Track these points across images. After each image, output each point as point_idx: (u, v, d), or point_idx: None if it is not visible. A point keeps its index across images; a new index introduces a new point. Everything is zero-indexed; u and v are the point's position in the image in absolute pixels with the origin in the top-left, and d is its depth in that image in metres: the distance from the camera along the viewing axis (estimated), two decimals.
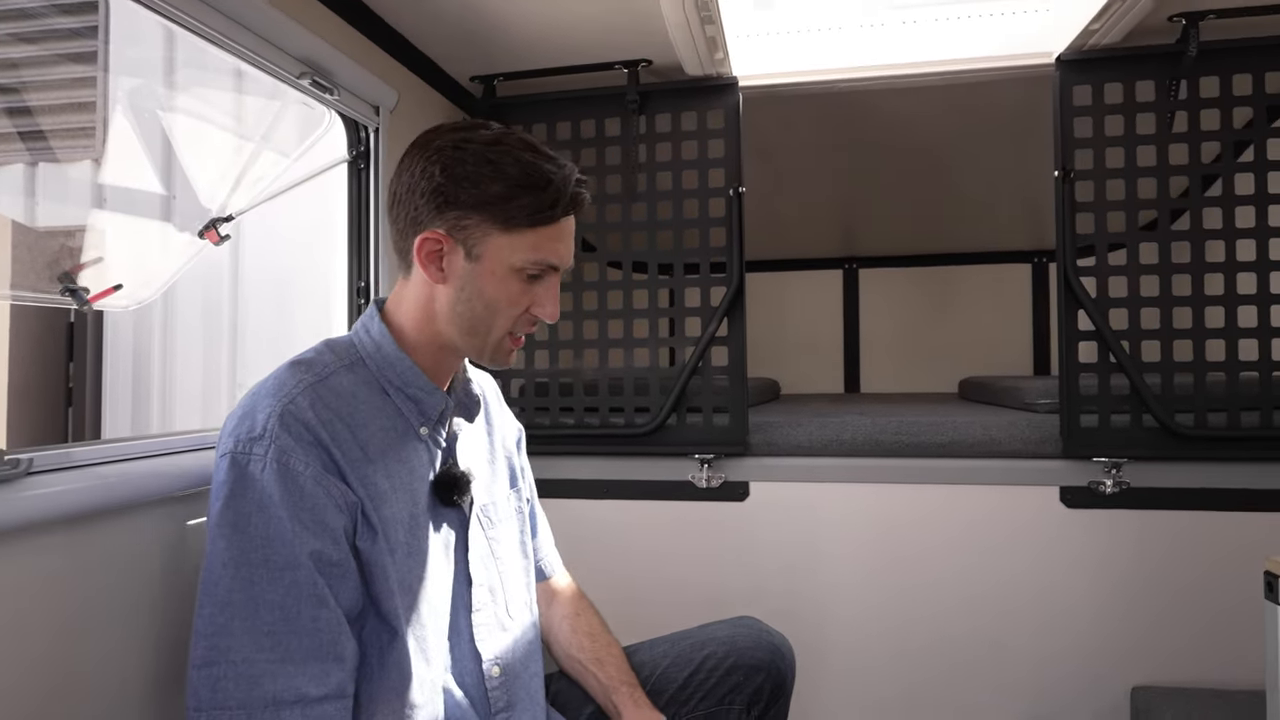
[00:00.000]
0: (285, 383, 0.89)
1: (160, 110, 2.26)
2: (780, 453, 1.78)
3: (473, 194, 0.92)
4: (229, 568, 0.82)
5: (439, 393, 0.99)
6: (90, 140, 3.55)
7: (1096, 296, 1.64)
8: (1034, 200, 2.56)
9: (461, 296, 0.95)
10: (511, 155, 0.93)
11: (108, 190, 2.80)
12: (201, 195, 2.10)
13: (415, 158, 0.95)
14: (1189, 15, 1.53)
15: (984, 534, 1.69)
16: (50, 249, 2.55)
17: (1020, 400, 2.00)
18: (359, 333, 0.99)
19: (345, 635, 0.85)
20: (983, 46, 1.74)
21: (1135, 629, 1.63)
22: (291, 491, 0.83)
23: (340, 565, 0.86)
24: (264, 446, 0.84)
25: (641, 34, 1.61)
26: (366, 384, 0.95)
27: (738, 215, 1.76)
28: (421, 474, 0.97)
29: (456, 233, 0.93)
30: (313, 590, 0.83)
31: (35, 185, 3.57)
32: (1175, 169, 1.62)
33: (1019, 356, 2.90)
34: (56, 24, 3.15)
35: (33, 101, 3.40)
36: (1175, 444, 1.61)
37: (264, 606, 0.81)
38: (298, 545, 0.83)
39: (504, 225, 0.93)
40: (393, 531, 0.91)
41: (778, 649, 1.19)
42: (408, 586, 0.92)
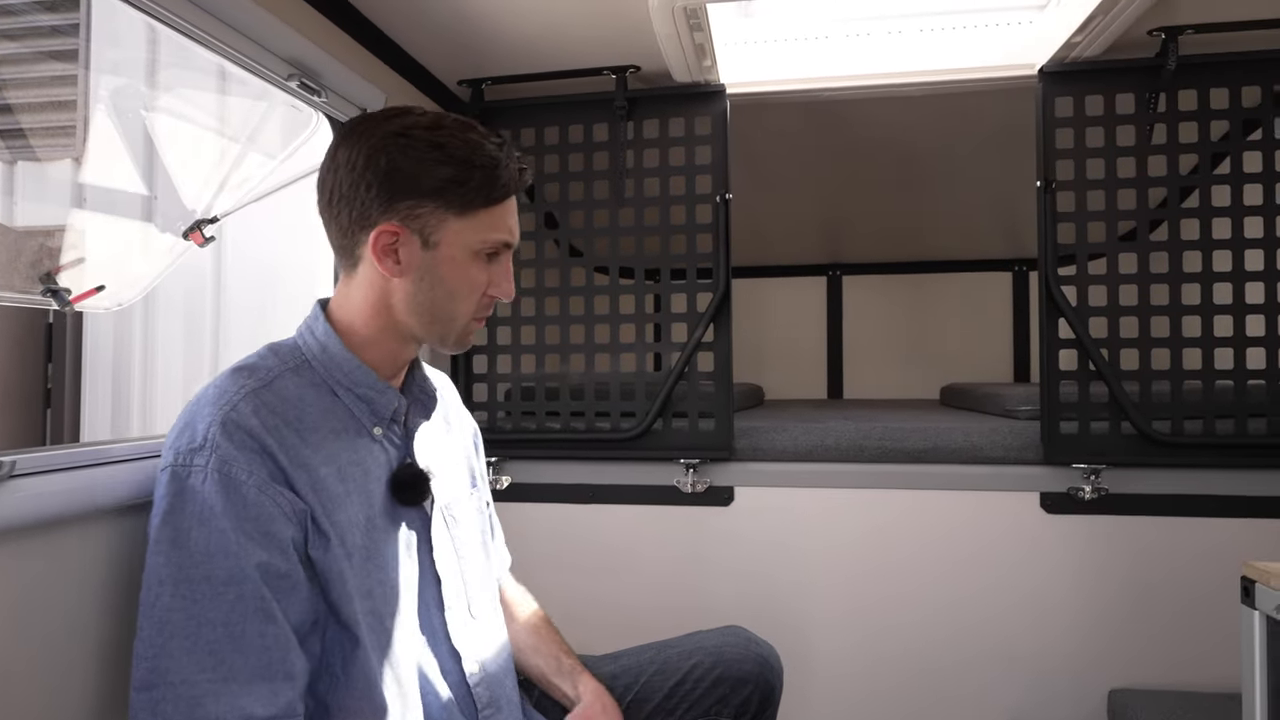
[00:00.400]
0: (226, 390, 0.87)
1: (143, 110, 2.24)
2: (765, 458, 1.79)
3: (424, 181, 0.90)
4: (167, 585, 0.79)
5: (391, 391, 0.97)
6: (71, 139, 3.51)
7: (1077, 305, 1.67)
8: (1015, 210, 2.59)
9: (421, 287, 0.94)
10: (456, 138, 0.91)
11: (88, 190, 2.77)
12: (184, 196, 2.09)
13: (352, 150, 0.92)
14: (1168, 30, 1.56)
15: (965, 539, 1.71)
16: (30, 249, 2.52)
17: (1001, 407, 2.02)
18: (303, 334, 0.97)
19: (294, 652, 0.83)
20: (967, 57, 1.76)
21: (1113, 633, 1.66)
22: (235, 502, 0.81)
23: (289, 577, 0.83)
24: (205, 457, 0.81)
25: (630, 40, 1.62)
26: (314, 386, 0.93)
27: (724, 221, 1.77)
28: (377, 475, 0.95)
29: (411, 222, 0.92)
30: (259, 605, 0.80)
31: (14, 184, 3.52)
32: (1154, 180, 1.65)
33: (999, 363, 2.93)
34: (37, 21, 3.11)
35: (12, 99, 3.36)
36: (1153, 451, 1.64)
37: (205, 624, 0.78)
38: (242, 558, 0.80)
39: (459, 209, 0.92)
40: (348, 536, 0.89)
41: (766, 660, 1.18)
42: (367, 591, 0.90)
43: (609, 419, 1.82)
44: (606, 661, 1.22)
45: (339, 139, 0.95)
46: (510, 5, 1.47)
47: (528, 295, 1.86)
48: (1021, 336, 2.90)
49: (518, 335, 1.86)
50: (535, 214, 1.89)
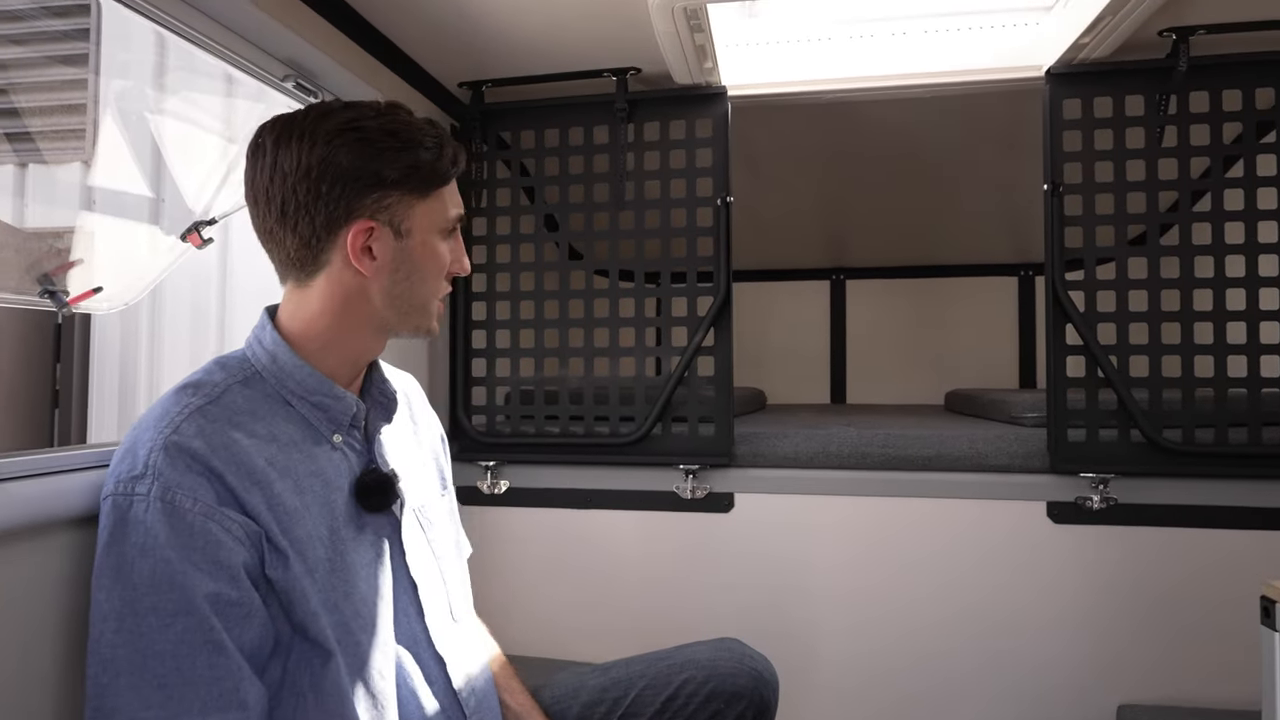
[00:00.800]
0: (169, 410, 0.83)
1: (148, 113, 2.24)
2: (766, 464, 1.77)
3: (387, 171, 0.88)
4: (110, 620, 0.76)
5: (348, 396, 0.94)
6: (80, 142, 3.53)
7: (1084, 310, 1.63)
8: (1022, 213, 2.56)
9: (397, 278, 0.92)
10: (401, 122, 0.91)
11: (97, 192, 2.78)
12: (188, 198, 2.08)
13: (297, 155, 0.87)
14: (1179, 30, 1.53)
15: (970, 549, 1.68)
16: (38, 250, 2.53)
17: (1007, 414, 1.99)
18: (252, 345, 0.93)
19: (247, 680, 0.79)
20: (973, 58, 1.73)
21: (1122, 646, 1.62)
22: (179, 530, 0.77)
23: (241, 605, 0.80)
24: (146, 485, 0.78)
25: (630, 42, 1.60)
26: (266, 398, 0.90)
27: (725, 225, 1.74)
28: (339, 484, 0.92)
29: (380, 215, 0.89)
30: (208, 636, 0.77)
31: (25, 187, 3.55)
32: (1164, 184, 1.62)
33: (1005, 369, 2.89)
34: (48, 26, 3.13)
35: (23, 103, 3.38)
36: (1163, 460, 1.60)
37: (152, 658, 0.75)
38: (189, 589, 0.76)
39: (421, 192, 0.92)
40: (310, 551, 0.85)
41: (760, 674, 1.15)
42: (334, 605, 0.87)
43: (608, 423, 1.80)
44: (596, 674, 1.19)
45: (267, 149, 0.89)
46: (511, 6, 1.46)
47: (527, 299, 1.84)
48: (1027, 342, 2.87)
49: (517, 339, 1.84)
50: (535, 216, 1.87)
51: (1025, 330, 2.86)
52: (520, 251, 1.85)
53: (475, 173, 1.85)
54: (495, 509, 1.84)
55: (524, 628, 1.81)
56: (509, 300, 1.85)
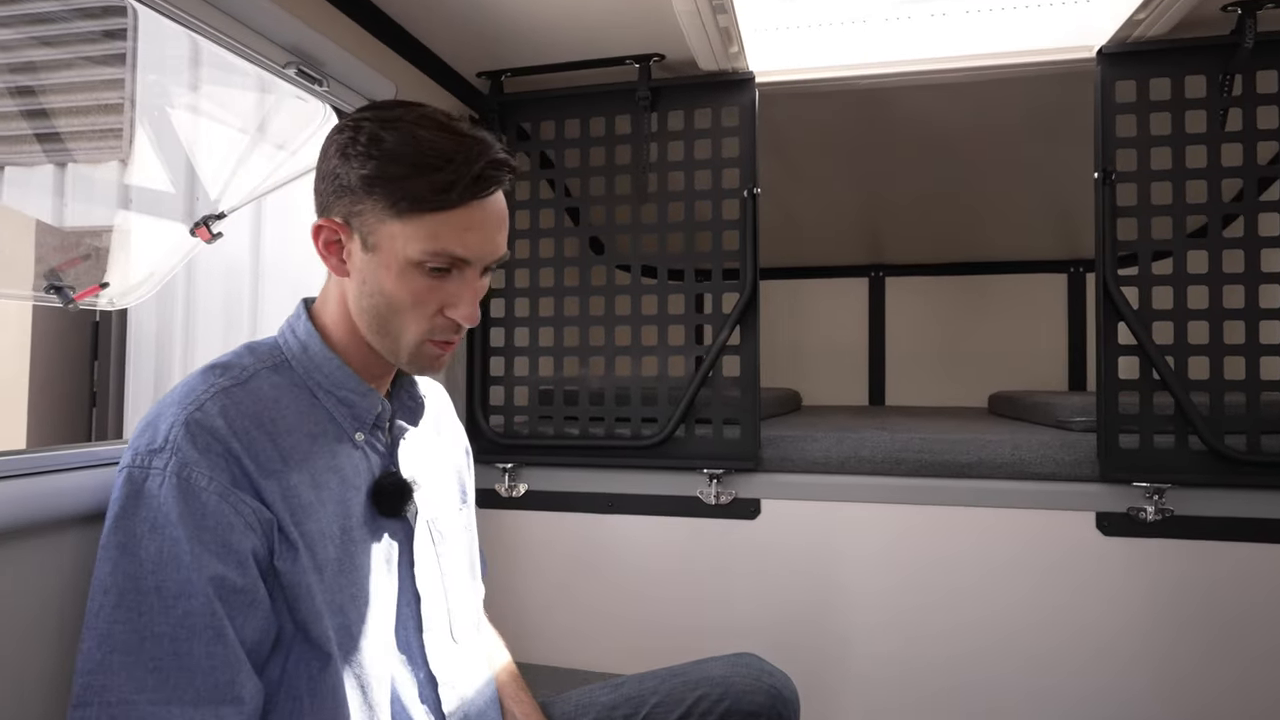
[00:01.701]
0: (195, 388, 0.81)
1: (172, 109, 2.24)
2: (795, 469, 1.68)
3: (361, 176, 0.82)
4: (111, 594, 0.73)
5: (374, 394, 0.91)
6: (118, 141, 3.58)
7: (1139, 308, 1.52)
8: (1071, 206, 2.43)
9: (364, 291, 0.86)
10: (404, 132, 0.81)
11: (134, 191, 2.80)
12: (211, 193, 2.07)
13: (324, 144, 0.88)
14: (1244, 4, 1.41)
15: (1013, 562, 1.58)
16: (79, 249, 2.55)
17: (1053, 417, 1.88)
18: (284, 333, 0.91)
19: (245, 674, 0.76)
20: (1017, 40, 1.63)
21: (1179, 670, 1.50)
22: (193, 509, 0.75)
23: (246, 593, 0.77)
24: (164, 460, 0.76)
25: (654, 27, 1.53)
26: (293, 387, 0.87)
27: (752, 217, 1.66)
28: (357, 483, 0.89)
29: (353, 219, 0.84)
30: (209, 622, 0.74)
31: (65, 186, 3.61)
32: (1228, 170, 1.50)
33: (1053, 371, 2.75)
34: (84, 27, 3.17)
35: (61, 104, 3.44)
36: (1225, 469, 1.48)
37: (150, 639, 0.72)
38: (195, 570, 0.74)
39: (395, 211, 0.81)
40: (320, 547, 0.82)
41: (779, 692, 1.08)
42: (339, 607, 0.83)
43: (629, 425, 1.73)
44: (606, 690, 1.13)
45: None
46: None
47: (546, 295, 1.79)
48: (1077, 343, 2.73)
49: (535, 337, 1.79)
50: (555, 210, 1.81)
51: (1075, 330, 2.73)
52: (540, 247, 1.80)
53: None
54: (513, 512, 1.79)
55: (540, 635, 1.76)
56: (528, 297, 1.79)
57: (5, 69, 3.16)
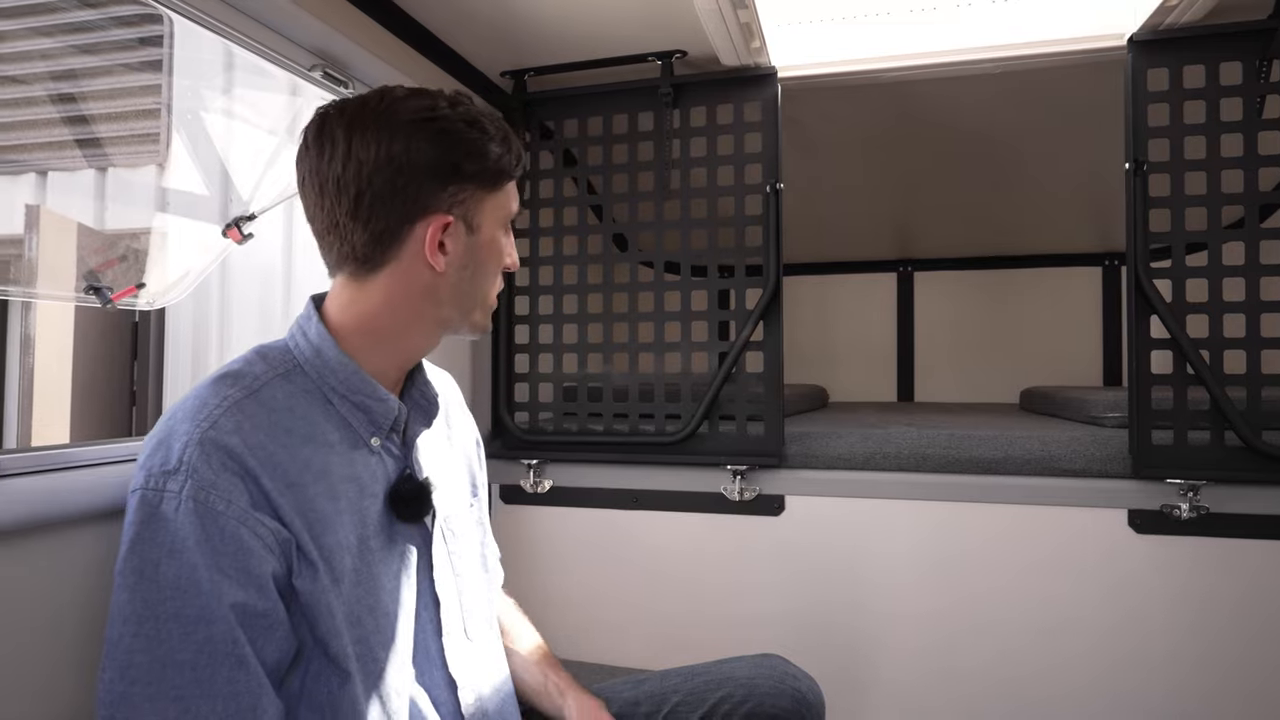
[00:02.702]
0: (207, 402, 0.78)
1: (205, 113, 2.28)
2: (819, 465, 1.67)
3: (468, 164, 0.86)
4: (130, 623, 0.72)
5: (391, 399, 0.89)
6: (156, 145, 3.66)
7: (1172, 301, 1.49)
8: (1103, 197, 2.38)
9: (464, 274, 0.89)
10: (473, 113, 0.87)
11: (170, 194, 2.86)
12: (244, 195, 2.11)
13: (377, 145, 0.83)
14: None
15: (1042, 560, 1.55)
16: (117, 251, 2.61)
17: (1085, 413, 1.84)
18: (295, 336, 0.89)
19: (268, 698, 0.75)
20: (1046, 29, 1.60)
21: (1214, 671, 1.47)
22: (211, 535, 0.73)
23: (266, 616, 0.76)
24: (179, 482, 0.74)
25: (675, 23, 1.53)
26: (306, 394, 0.85)
27: (775, 213, 1.66)
28: (373, 490, 0.87)
29: (456, 209, 0.87)
30: (231, 649, 0.73)
31: (105, 190, 3.70)
32: (1266, 159, 1.46)
33: (1087, 366, 2.70)
34: (123, 35, 3.25)
35: (101, 110, 3.52)
36: (1261, 465, 1.44)
37: (172, 667, 0.71)
38: (215, 597, 0.72)
39: (492, 185, 0.90)
40: (338, 560, 0.81)
41: (803, 696, 1.07)
42: (357, 619, 0.82)
43: (653, 421, 1.73)
44: (628, 686, 1.13)
45: (343, 135, 0.84)
46: None
47: (570, 292, 1.80)
48: (1113, 337, 2.68)
49: (560, 334, 1.80)
50: (579, 208, 1.82)
51: (1110, 324, 2.67)
52: (563, 244, 1.81)
53: None
54: (538, 508, 1.80)
55: (563, 630, 1.77)
56: (552, 294, 1.80)
57: (47, 77, 3.25)
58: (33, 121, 3.31)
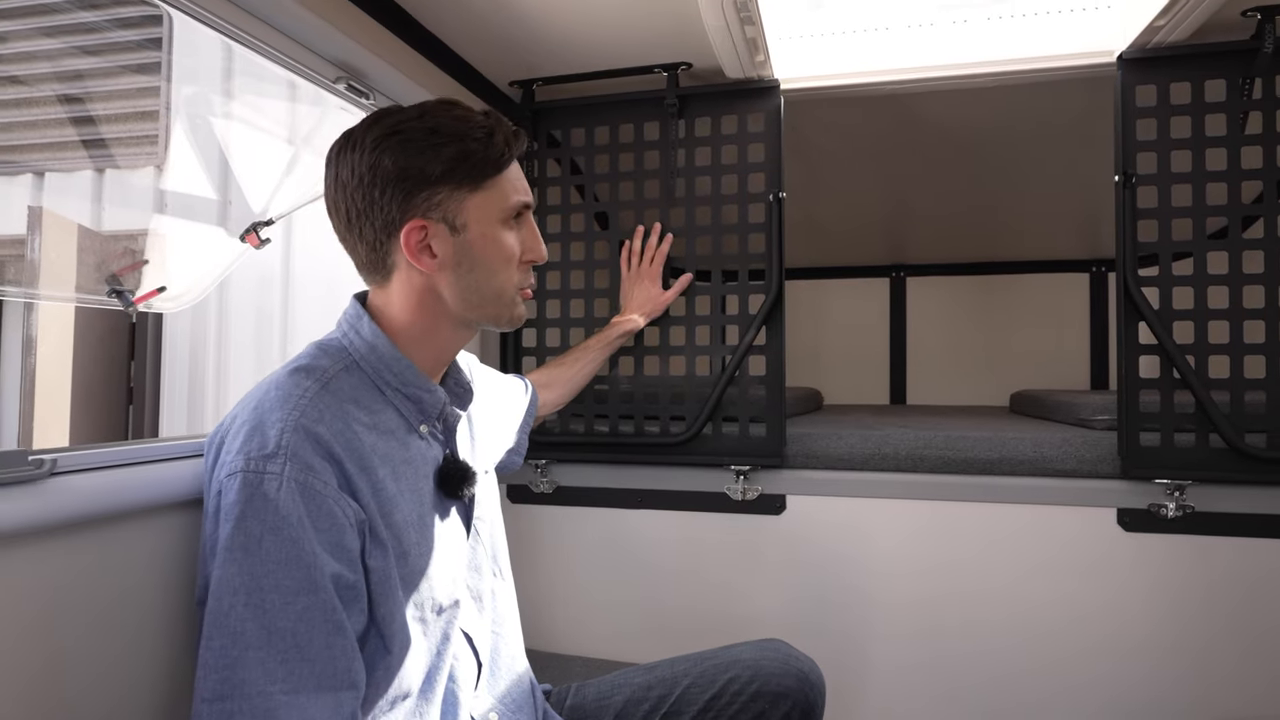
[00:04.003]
0: (291, 393, 0.85)
1: (213, 117, 2.31)
2: (819, 466, 1.73)
3: (431, 168, 0.90)
4: (240, 594, 0.77)
5: (439, 390, 0.98)
6: (154, 148, 3.67)
7: (1159, 308, 1.55)
8: (1092, 207, 2.45)
9: (461, 273, 0.94)
10: (445, 118, 0.92)
11: (169, 196, 2.88)
12: (252, 201, 2.14)
13: (350, 166, 0.92)
14: (1265, 10, 1.44)
15: (1034, 557, 1.61)
16: (114, 253, 2.63)
17: (1075, 416, 1.91)
18: (349, 335, 0.96)
19: (358, 661, 0.82)
20: (1039, 46, 1.66)
21: (1199, 663, 1.53)
22: (311, 512, 0.80)
23: (354, 588, 0.83)
24: (279, 464, 0.80)
25: (681, 37, 1.58)
26: (365, 387, 0.93)
27: (778, 221, 1.71)
28: (425, 472, 0.96)
29: (433, 212, 0.92)
30: (329, 616, 0.79)
31: (103, 191, 3.71)
32: (1248, 173, 1.52)
33: (1075, 370, 2.77)
34: (121, 37, 3.26)
35: (100, 111, 3.53)
36: (1245, 466, 1.51)
37: (276, 634, 0.77)
38: (316, 570, 0.79)
39: (472, 184, 0.93)
40: (405, 535, 0.89)
41: (806, 676, 1.14)
42: (415, 587, 0.90)
43: (658, 423, 1.78)
44: (641, 672, 1.18)
45: (332, 161, 0.95)
46: (561, 3, 1.45)
47: (578, 296, 1.84)
48: (1100, 342, 2.75)
49: (567, 337, 1.84)
50: (585, 214, 1.86)
51: (1097, 329, 2.74)
52: (570, 250, 1.85)
53: (527, 171, 1.85)
54: (544, 507, 1.84)
55: (571, 627, 1.81)
56: (559, 298, 1.85)
57: (46, 78, 3.26)
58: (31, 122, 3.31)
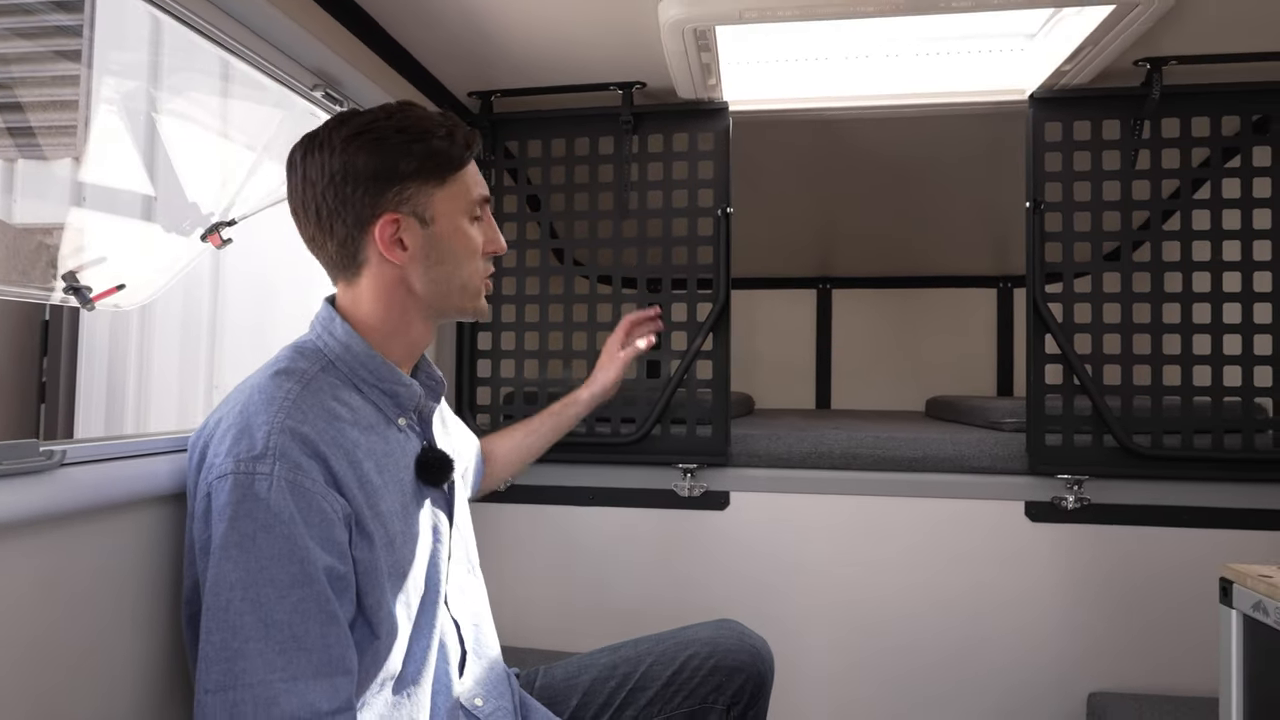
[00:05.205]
0: (274, 395, 0.89)
1: (144, 110, 2.27)
2: (760, 464, 1.85)
3: (402, 165, 0.95)
4: (237, 590, 0.81)
5: (414, 384, 1.03)
6: (72, 138, 3.53)
7: (1062, 321, 1.73)
8: (1001, 229, 2.67)
9: (430, 264, 0.99)
10: (409, 118, 0.97)
11: (88, 188, 2.79)
12: (192, 198, 2.11)
13: (320, 166, 0.95)
14: (1153, 60, 1.63)
15: (952, 545, 1.77)
16: (28, 246, 2.54)
17: (987, 419, 2.09)
18: (322, 336, 0.99)
19: (351, 648, 0.87)
20: (961, 82, 1.83)
21: (1094, 637, 1.72)
22: (302, 509, 0.84)
23: (345, 579, 0.87)
24: (269, 464, 0.84)
25: (637, 57, 1.68)
26: (343, 385, 0.97)
27: (725, 235, 1.82)
28: (405, 463, 1.01)
29: (403, 206, 0.96)
30: (322, 607, 0.83)
31: (14, 182, 3.54)
32: (1138, 203, 1.72)
33: (984, 378, 3.00)
34: (43, 21, 3.14)
35: (15, 98, 3.38)
36: (1133, 463, 1.70)
37: (274, 627, 0.81)
38: (309, 564, 0.83)
39: (439, 179, 0.98)
40: (390, 524, 0.94)
41: (758, 651, 1.24)
42: (402, 573, 0.95)
43: (609, 424, 1.87)
44: (606, 653, 1.26)
45: (297, 164, 0.98)
46: (522, 20, 1.52)
47: (532, 302, 1.91)
48: (1005, 351, 2.98)
49: (522, 341, 1.91)
50: (541, 224, 1.94)
51: (1004, 340, 2.97)
52: (526, 257, 1.92)
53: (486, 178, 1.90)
54: (499, 506, 1.90)
55: (528, 621, 1.88)
56: (514, 304, 1.91)
57: None
58: None
